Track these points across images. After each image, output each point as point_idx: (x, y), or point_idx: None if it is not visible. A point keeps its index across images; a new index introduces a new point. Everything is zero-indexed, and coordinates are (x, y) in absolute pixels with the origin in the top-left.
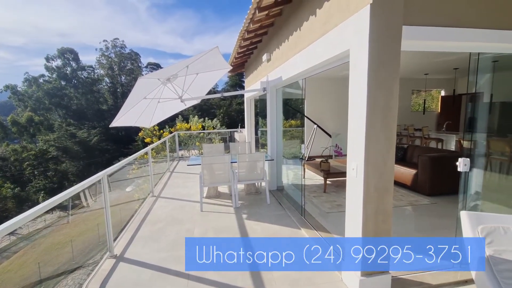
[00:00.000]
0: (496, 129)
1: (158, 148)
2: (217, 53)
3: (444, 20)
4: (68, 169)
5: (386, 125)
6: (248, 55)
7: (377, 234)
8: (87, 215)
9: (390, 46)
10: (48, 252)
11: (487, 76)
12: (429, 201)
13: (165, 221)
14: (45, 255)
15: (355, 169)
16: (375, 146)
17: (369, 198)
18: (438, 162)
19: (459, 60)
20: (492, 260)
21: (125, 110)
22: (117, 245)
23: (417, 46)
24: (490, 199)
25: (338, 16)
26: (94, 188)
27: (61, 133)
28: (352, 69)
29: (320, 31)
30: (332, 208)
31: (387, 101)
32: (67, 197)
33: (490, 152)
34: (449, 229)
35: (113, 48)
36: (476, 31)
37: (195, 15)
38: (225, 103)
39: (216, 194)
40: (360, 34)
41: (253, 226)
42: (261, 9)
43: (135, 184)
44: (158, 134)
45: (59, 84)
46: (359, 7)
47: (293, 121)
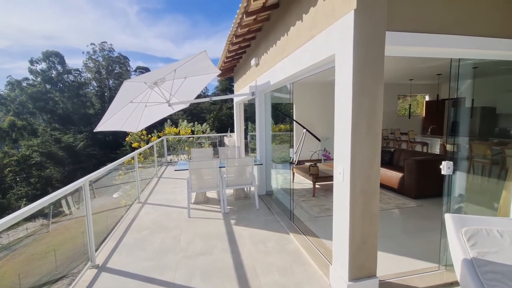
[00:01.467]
0: (477, 133)
1: (146, 153)
2: (205, 57)
3: (426, 27)
4: (53, 175)
5: (371, 129)
6: (237, 60)
7: (364, 238)
8: (71, 223)
9: (374, 51)
10: (29, 262)
11: (468, 82)
12: (416, 204)
13: (151, 228)
14: (26, 265)
15: (341, 173)
16: (361, 150)
17: (355, 201)
18: (424, 165)
19: (442, 66)
20: (475, 262)
21: (110, 114)
22: (99, 254)
23: (400, 52)
24: (473, 201)
25: (324, 22)
26: (77, 194)
27: (45, 138)
28: (337, 73)
29: (307, 36)
30: (321, 212)
31: (372, 106)
32: (46, 204)
33: (472, 155)
34: (434, 231)
35: (100, 51)
36: (456, 38)
37: (185, 20)
38: (215, 107)
39: (205, 200)
40: (345, 39)
41: (241, 231)
42: (248, 14)
43: (122, 190)
44: (146, 139)
45: (43, 87)
46: (343, 13)
47: (282, 125)
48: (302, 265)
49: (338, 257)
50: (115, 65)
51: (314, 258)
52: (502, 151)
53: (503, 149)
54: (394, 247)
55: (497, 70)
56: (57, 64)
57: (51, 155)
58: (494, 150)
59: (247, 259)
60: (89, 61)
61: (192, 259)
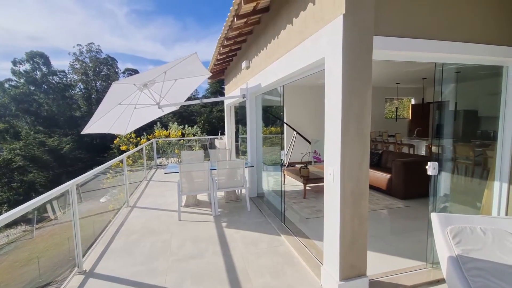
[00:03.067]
0: (461, 135)
1: (135, 156)
2: (195, 59)
3: (412, 32)
4: (36, 179)
5: (360, 131)
6: (228, 62)
7: (354, 238)
8: (56, 228)
9: (363, 55)
10: (11, 271)
11: (451, 86)
12: (403, 204)
13: (140, 232)
14: (7, 274)
15: (332, 174)
16: (351, 152)
17: (346, 202)
18: (411, 167)
19: (426, 71)
20: (460, 259)
21: (98, 116)
22: (87, 260)
23: (388, 56)
24: (457, 200)
25: (313, 26)
26: (63, 199)
27: (28, 141)
28: (327, 76)
29: (297, 39)
30: (312, 214)
31: (361, 108)
32: (30, 209)
33: (456, 156)
34: (422, 230)
35: (87, 52)
36: (440, 43)
37: (176, 23)
38: (206, 110)
39: (195, 203)
40: (334, 43)
41: (232, 234)
42: (239, 17)
43: (110, 194)
44: (135, 142)
45: (27, 89)
46: (332, 17)
47: (273, 128)
48: (294, 266)
49: (329, 257)
50: (102, 66)
51: (305, 259)
52: (484, 153)
53: (485, 151)
54: (383, 246)
55: (478, 75)
56: (42, 65)
57: (35, 159)
58: (477, 151)
59: (239, 261)
60: (76, 62)
61: (183, 263)
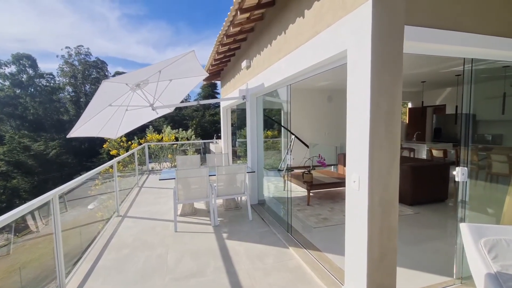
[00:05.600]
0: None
1: (126, 161)
2: (193, 57)
3: (444, 23)
4: (20, 185)
5: (390, 131)
6: (225, 63)
7: (382, 253)
8: (36, 242)
9: (394, 46)
10: None
11: (452, 90)
12: (413, 211)
13: (132, 246)
14: None
15: (356, 181)
16: (379, 155)
17: (373, 212)
18: (419, 171)
19: (427, 74)
20: (500, 276)
21: (86, 118)
22: (71, 281)
23: (418, 49)
24: (472, 208)
25: (331, 16)
26: (46, 208)
27: (12, 146)
28: (350, 71)
29: (310, 33)
30: (319, 223)
31: (391, 106)
32: (8, 222)
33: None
34: (437, 239)
35: (76, 55)
36: (472, 36)
37: (168, 27)
38: (198, 114)
39: (192, 211)
40: (360, 33)
41: (235, 246)
42: (243, 11)
43: (98, 200)
44: (126, 146)
45: (12, 92)
46: (357, 4)
47: (269, 131)
48: (308, 284)
49: (353, 275)
50: (92, 69)
51: (320, 276)
52: (488, 157)
53: (489, 155)
54: (402, 260)
55: (478, 78)
56: (28, 68)
57: (19, 164)
58: (480, 155)
59: (245, 279)
60: (65, 65)
61: (182, 282)
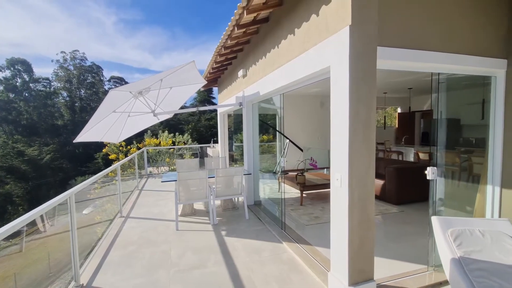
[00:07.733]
0: (450, 142)
1: (125, 165)
2: (193, 67)
3: (411, 43)
4: (13, 191)
5: (367, 137)
6: (222, 71)
7: (362, 242)
8: (48, 239)
9: (368, 64)
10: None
11: (437, 95)
12: (398, 210)
13: (137, 244)
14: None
15: (339, 179)
16: (358, 157)
17: (353, 207)
18: (403, 173)
19: (413, 81)
20: (463, 260)
21: (91, 124)
22: (83, 274)
23: (389, 65)
24: (448, 205)
25: (317, 36)
26: (51, 210)
27: (6, 151)
28: (333, 85)
29: (299, 49)
30: (310, 221)
31: (367, 114)
32: (28, 221)
33: (446, 162)
34: (418, 234)
35: (72, 60)
36: (436, 54)
37: (164, 32)
38: (193, 118)
39: (192, 212)
40: (340, 53)
41: (233, 243)
42: (239, 27)
43: (93, 205)
44: (125, 150)
45: (6, 96)
46: (338, 28)
47: (265, 136)
48: (300, 273)
49: (337, 263)
50: (87, 74)
51: (310, 266)
52: (469, 159)
53: (470, 157)
54: (383, 251)
55: (460, 85)
56: (23, 72)
57: (12, 169)
58: (463, 157)
59: (242, 270)
60: (60, 70)
61: (186, 273)
